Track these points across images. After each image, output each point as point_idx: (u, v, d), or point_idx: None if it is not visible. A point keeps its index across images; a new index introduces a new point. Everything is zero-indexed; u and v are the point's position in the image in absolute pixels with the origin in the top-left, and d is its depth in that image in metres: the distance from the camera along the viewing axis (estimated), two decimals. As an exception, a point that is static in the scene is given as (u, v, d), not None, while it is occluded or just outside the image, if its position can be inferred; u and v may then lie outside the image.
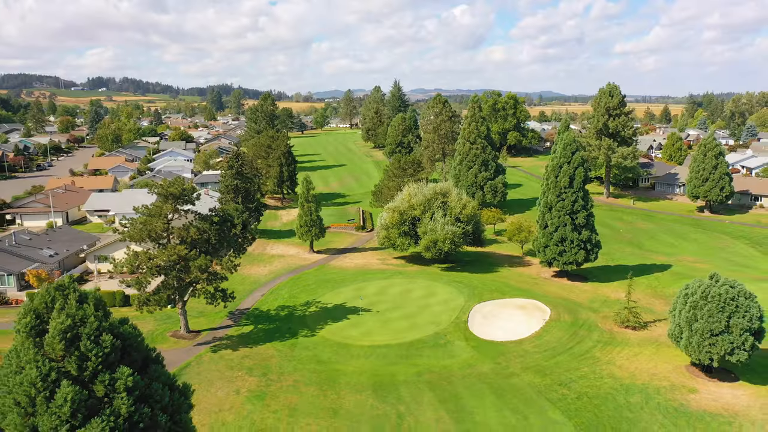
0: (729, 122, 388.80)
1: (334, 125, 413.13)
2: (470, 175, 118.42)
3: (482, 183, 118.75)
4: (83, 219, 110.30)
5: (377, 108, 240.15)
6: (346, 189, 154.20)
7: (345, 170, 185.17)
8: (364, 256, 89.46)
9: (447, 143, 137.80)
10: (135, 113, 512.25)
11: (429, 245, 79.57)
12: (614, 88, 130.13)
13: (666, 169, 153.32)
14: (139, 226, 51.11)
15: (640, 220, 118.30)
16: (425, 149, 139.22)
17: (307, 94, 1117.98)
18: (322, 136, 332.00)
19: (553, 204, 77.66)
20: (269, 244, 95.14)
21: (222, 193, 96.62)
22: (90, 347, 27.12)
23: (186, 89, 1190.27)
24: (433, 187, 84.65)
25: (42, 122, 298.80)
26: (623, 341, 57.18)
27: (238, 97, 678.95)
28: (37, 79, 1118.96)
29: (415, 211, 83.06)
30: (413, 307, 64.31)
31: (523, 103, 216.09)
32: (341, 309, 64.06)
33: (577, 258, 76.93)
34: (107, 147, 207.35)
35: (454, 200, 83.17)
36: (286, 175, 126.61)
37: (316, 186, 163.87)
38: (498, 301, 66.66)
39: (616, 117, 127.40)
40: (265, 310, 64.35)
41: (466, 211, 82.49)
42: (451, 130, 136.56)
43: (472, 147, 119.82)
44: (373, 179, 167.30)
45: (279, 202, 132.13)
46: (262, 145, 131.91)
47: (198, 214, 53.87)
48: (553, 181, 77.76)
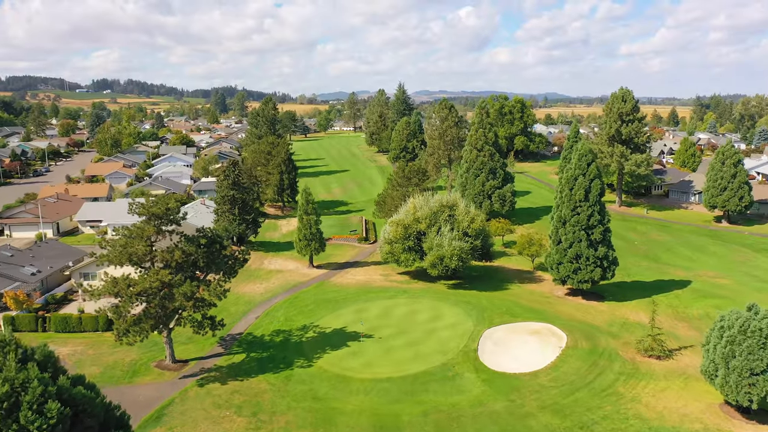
0: (738, 125, 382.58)
1: (337, 128, 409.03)
2: (477, 184, 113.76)
3: (490, 192, 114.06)
4: (75, 230, 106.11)
5: (381, 112, 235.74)
6: (348, 196, 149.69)
7: (348, 176, 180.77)
8: (366, 272, 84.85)
9: (453, 150, 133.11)
10: (138, 116, 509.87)
11: (435, 262, 74.93)
12: (627, 92, 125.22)
13: (679, 176, 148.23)
14: (119, 248, 46.69)
15: (654, 231, 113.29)
16: (430, 156, 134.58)
17: (312, 96, 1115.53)
18: (326, 139, 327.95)
19: (567, 218, 72.92)
20: (267, 258, 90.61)
21: (218, 203, 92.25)
22: (32, 418, 22.61)
23: (191, 91, 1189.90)
24: (440, 199, 79.99)
25: (42, 126, 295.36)
26: (648, 373, 52.35)
27: (242, 99, 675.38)
28: (42, 81, 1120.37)
29: (420, 225, 78.43)
30: (418, 332, 59.64)
31: (531, 106, 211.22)
32: (341, 334, 59.44)
33: (593, 276, 72.18)
34: (106, 151, 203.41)
35: (461, 213, 78.50)
36: (286, 183, 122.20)
37: (317, 193, 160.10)
38: (509, 325, 61.92)
39: (629, 123, 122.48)
40: (259, 336, 59.79)
41: (475, 225, 77.80)
42: (457, 136, 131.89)
43: (480, 154, 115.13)
44: (377, 186, 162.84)
45: (279, 210, 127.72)
46: (262, 151, 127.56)
47: (184, 236, 49.38)
48: (567, 194, 73.03)
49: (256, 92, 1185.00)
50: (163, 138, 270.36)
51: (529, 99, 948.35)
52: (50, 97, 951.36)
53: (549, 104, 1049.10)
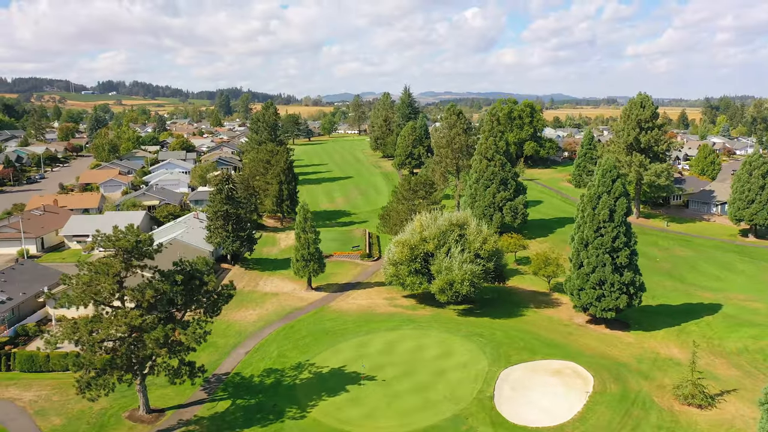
0: (751, 128, 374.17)
1: (342, 131, 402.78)
2: (488, 195, 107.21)
3: (501, 204, 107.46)
4: (60, 245, 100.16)
5: (386, 115, 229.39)
6: (351, 206, 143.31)
7: (351, 183, 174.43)
8: (369, 294, 78.37)
9: (461, 158, 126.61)
10: (141, 118, 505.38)
11: (444, 287, 68.43)
12: (646, 98, 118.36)
13: (699, 184, 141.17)
14: (81, 286, 40.49)
15: (677, 246, 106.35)
16: (437, 164, 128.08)
17: (317, 97, 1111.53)
18: (330, 143, 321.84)
19: (590, 240, 66.28)
20: (262, 278, 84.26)
21: (210, 219, 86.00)
22: None
23: (196, 93, 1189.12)
24: (449, 217, 73.45)
25: (42, 129, 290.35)
26: (691, 427, 45.69)
27: (246, 101, 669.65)
28: (47, 83, 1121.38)
29: (427, 246, 71.94)
30: (426, 373, 53.09)
31: (540, 110, 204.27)
32: (339, 376, 52.98)
33: (618, 304, 65.53)
34: (104, 157, 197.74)
35: (473, 233, 71.94)
36: (285, 194, 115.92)
37: (319, 202, 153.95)
38: (528, 364, 55.31)
39: (648, 131, 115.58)
40: (248, 376, 53.40)
41: (488, 246, 71.21)
42: (466, 143, 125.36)
43: (490, 164, 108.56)
44: (381, 194, 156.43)
45: (278, 222, 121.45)
46: (261, 160, 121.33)
47: (158, 271, 43.08)
48: (590, 214, 66.36)
49: (261, 94, 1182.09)
50: (163, 142, 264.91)
51: (536, 100, 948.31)
52: (55, 99, 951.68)
53: (555, 105, 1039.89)
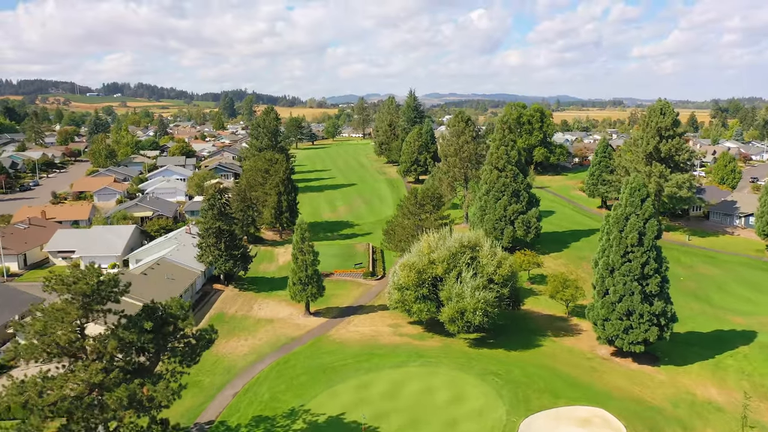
0: (762, 131, 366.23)
1: (346, 135, 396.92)
2: (498, 208, 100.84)
3: (513, 217, 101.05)
4: (44, 261, 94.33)
5: (391, 120, 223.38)
6: (355, 216, 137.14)
7: (355, 191, 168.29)
8: (372, 320, 72.15)
9: (470, 167, 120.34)
10: (144, 121, 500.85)
11: (454, 316, 62.16)
12: (666, 105, 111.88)
13: (719, 194, 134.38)
14: (32, 334, 34.45)
15: (701, 263, 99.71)
16: (445, 174, 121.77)
17: (321, 99, 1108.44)
18: (333, 147, 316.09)
19: (616, 266, 59.91)
20: (257, 301, 78.13)
21: (202, 237, 79.95)
22: None
23: (200, 95, 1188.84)
24: (459, 238, 67.15)
25: (40, 133, 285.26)
26: (744, 497, 39.32)
27: (250, 103, 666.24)
28: (53, 84, 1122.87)
29: (436, 269, 65.69)
30: (436, 423, 46.77)
31: (550, 115, 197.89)
32: (337, 426, 46.72)
33: (648, 336, 59.18)
34: (100, 163, 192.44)
35: (486, 256, 65.62)
36: (285, 206, 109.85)
37: (321, 212, 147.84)
38: (551, 411, 48.95)
39: (668, 139, 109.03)
40: (234, 426, 47.25)
41: (502, 271, 64.89)
42: (475, 152, 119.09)
43: (501, 175, 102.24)
44: (386, 203, 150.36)
45: (277, 234, 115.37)
46: (259, 169, 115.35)
47: (124, 317, 36.92)
48: (616, 237, 59.96)
49: (266, 95, 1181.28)
50: (163, 147, 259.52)
51: (542, 102, 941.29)
52: (60, 101, 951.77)
53: (561, 107, 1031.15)
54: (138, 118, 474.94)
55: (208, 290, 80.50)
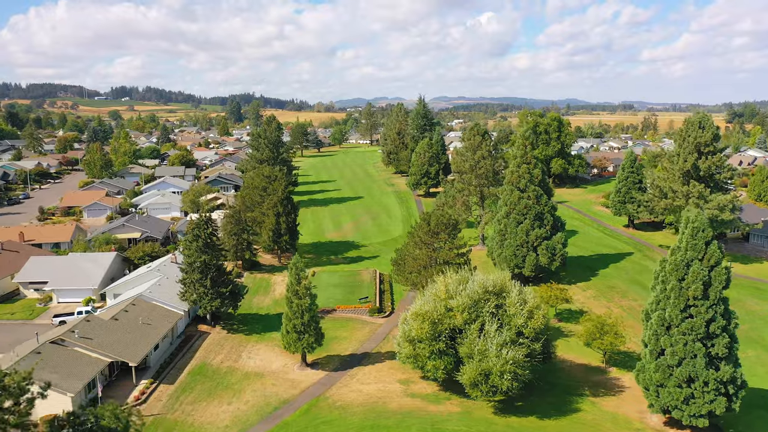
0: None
1: (353, 141, 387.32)
2: (519, 233, 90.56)
3: (536, 243, 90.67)
4: (15, 293, 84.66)
5: (400, 128, 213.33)
6: (361, 235, 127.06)
7: (361, 205, 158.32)
8: (379, 374, 61.94)
9: (487, 185, 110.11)
10: (148, 126, 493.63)
11: (477, 379, 51.90)
12: (705, 117, 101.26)
13: (758, 213, 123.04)
14: None
15: (749, 297, 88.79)
16: (459, 192, 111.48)
17: (329, 103, 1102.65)
18: (340, 154, 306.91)
19: (674, 322, 49.49)
20: (247, 347, 68.11)
21: (185, 272, 70.08)
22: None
23: (208, 98, 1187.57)
24: (483, 282, 56.85)
25: (39, 140, 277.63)
26: None
27: (256, 108, 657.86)
28: (62, 88, 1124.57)
29: (454, 319, 55.51)
30: None
31: (568, 124, 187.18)
32: None
33: (714, 408, 48.74)
34: (95, 173, 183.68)
35: (514, 304, 55.31)
36: (284, 228, 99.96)
37: (325, 230, 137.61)
38: None
39: (708, 155, 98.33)
40: None
41: (535, 323, 54.55)
42: (492, 168, 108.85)
43: (522, 196, 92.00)
44: (394, 219, 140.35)
45: (276, 258, 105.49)
46: (256, 187, 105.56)
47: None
48: (674, 288, 49.53)
49: (273, 99, 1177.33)
50: (164, 155, 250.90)
51: (551, 106, 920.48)
52: (68, 105, 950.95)
53: (572, 111, 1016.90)
54: (142, 124, 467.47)
55: (192, 333, 70.63)
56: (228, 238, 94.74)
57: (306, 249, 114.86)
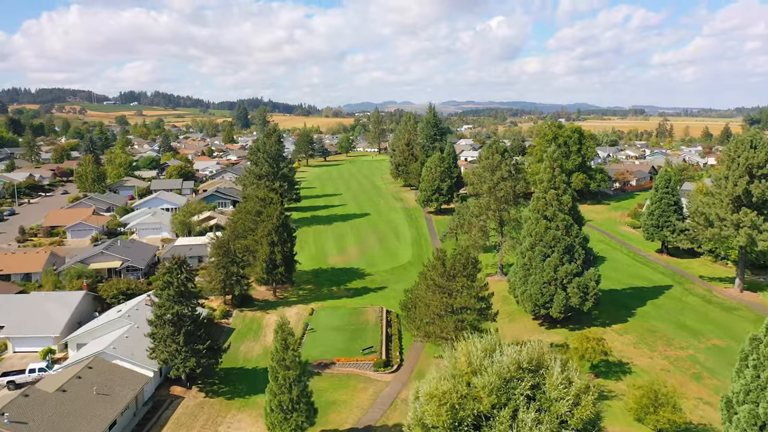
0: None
1: (361, 149, 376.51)
2: (547, 268, 78.92)
3: (565, 280, 78.94)
4: (-32, 339, 74.00)
5: (409, 139, 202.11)
6: (367, 261, 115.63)
7: (368, 224, 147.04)
8: (384, 460, 50.47)
9: (507, 209, 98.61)
10: (153, 133, 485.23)
11: (510, 488, 40.28)
12: (756, 135, 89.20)
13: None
14: None
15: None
16: (475, 217, 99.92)
17: (337, 108, 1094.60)
18: (346, 163, 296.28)
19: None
20: (226, 418, 56.65)
21: (154, 326, 58.91)
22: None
23: (216, 103, 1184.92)
24: (515, 356, 45.16)
25: (36, 149, 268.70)
26: None
27: (263, 113, 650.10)
28: (71, 93, 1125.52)
29: (480, 403, 43.87)
30: None
31: (590, 136, 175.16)
32: None
33: None
34: (87, 187, 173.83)
35: (556, 386, 43.56)
36: (279, 258, 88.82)
37: (327, 253, 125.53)
38: None
39: (762, 179, 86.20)
40: None
41: (583, 412, 42.73)
42: (512, 190, 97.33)
43: (550, 225, 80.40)
44: (403, 241, 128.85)
45: (270, 291, 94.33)
46: (249, 212, 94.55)
47: None
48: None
49: (282, 104, 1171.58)
50: (163, 166, 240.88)
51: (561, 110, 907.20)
52: (76, 110, 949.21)
53: (582, 116, 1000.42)
54: (146, 131, 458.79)
55: (162, 398, 59.43)
56: (215, 271, 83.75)
57: (306, 278, 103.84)
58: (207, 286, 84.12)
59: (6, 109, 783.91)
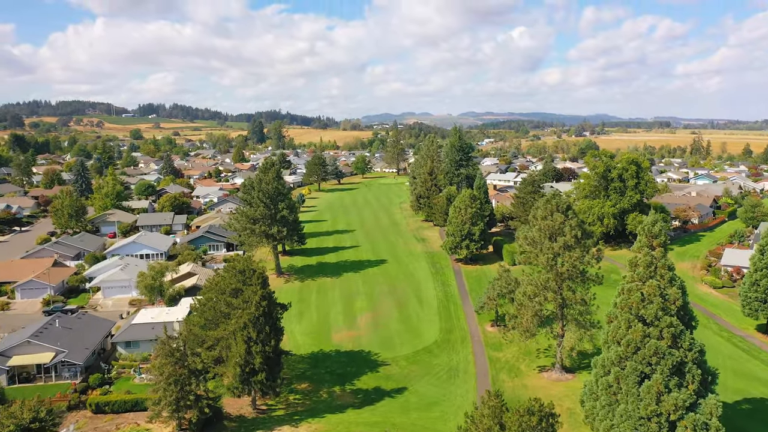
0: None
1: (378, 170, 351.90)
2: (645, 395, 52.77)
3: (674, 415, 52.52)
4: None
5: (432, 167, 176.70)
6: (380, 340, 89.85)
7: (384, 276, 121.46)
8: None
9: (572, 287, 72.52)
10: (164, 148, 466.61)
11: None
12: None
13: None
14: None
15: None
16: (529, 299, 73.57)
17: (355, 121, 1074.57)
18: (362, 188, 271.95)
19: None
20: None
21: None
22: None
23: (234, 115, 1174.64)
24: None
25: (27, 170, 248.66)
26: None
27: (279, 127, 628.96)
28: (90, 105, 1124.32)
29: None
30: None
31: (648, 169, 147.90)
32: None
33: None
34: (63, 224, 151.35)
35: None
36: (258, 362, 63.68)
37: (332, 327, 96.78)
38: None
39: None
40: None
41: None
42: (581, 261, 71.13)
43: (649, 333, 54.30)
44: (427, 310, 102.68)
45: (249, 404, 69.12)
46: (223, 291, 69.53)
47: None
48: None
49: (300, 116, 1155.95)
50: (160, 192, 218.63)
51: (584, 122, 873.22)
52: (93, 123, 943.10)
53: (606, 129, 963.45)
54: (154, 149, 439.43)
55: None
56: (164, 388, 58.94)
57: (301, 368, 79.21)
58: (153, 408, 59.37)
59: (22, 123, 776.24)
